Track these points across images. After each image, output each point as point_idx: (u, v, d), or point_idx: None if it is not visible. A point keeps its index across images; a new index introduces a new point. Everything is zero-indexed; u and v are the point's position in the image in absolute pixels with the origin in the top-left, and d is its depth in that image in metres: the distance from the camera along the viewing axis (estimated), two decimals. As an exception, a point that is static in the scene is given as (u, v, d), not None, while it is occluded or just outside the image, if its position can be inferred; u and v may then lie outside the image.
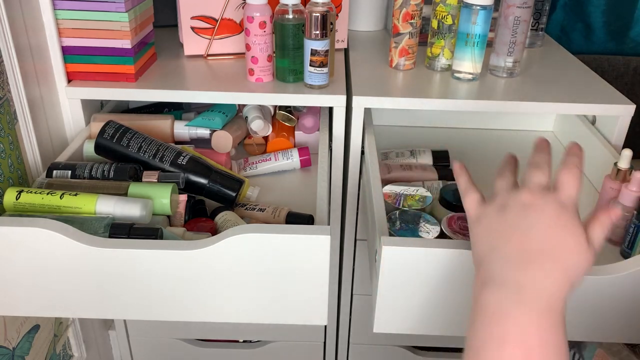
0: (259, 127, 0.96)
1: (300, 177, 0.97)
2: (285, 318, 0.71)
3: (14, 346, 0.86)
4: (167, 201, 0.73)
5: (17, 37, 0.80)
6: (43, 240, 0.65)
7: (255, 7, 0.88)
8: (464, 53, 0.96)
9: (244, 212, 0.82)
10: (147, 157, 0.80)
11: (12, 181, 0.81)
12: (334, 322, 1.20)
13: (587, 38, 1.53)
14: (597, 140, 0.98)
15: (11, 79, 0.80)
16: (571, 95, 0.95)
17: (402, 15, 0.97)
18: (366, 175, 0.89)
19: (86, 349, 1.11)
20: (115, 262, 0.66)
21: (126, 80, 0.93)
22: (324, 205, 0.74)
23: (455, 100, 0.92)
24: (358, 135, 0.94)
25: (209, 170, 0.80)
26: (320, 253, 0.65)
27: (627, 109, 0.92)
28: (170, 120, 0.95)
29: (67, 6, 0.87)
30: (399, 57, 1.02)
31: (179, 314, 0.70)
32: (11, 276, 0.68)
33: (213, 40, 1.03)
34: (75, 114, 0.94)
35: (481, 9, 0.91)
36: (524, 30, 0.97)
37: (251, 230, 0.65)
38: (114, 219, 0.70)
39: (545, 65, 1.10)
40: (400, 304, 0.67)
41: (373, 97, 0.91)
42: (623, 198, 0.78)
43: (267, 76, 0.95)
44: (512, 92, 0.96)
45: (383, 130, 1.22)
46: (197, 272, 0.67)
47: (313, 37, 0.87)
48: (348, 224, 1.03)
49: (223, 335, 1.24)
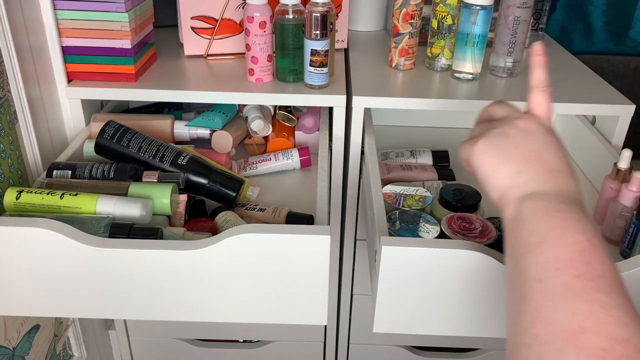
0: (259, 127, 0.96)
1: (300, 177, 0.97)
2: (285, 318, 0.71)
3: (14, 346, 0.86)
4: (167, 201, 0.73)
5: (17, 37, 0.80)
6: (43, 240, 0.65)
7: (255, 7, 0.88)
8: (464, 53, 0.96)
9: (244, 212, 0.82)
10: (147, 157, 0.80)
11: (12, 181, 0.81)
12: (334, 322, 1.20)
13: (587, 38, 1.53)
14: (597, 140, 0.98)
15: (11, 79, 0.80)
16: (571, 95, 0.95)
17: (402, 15, 0.97)
18: (366, 175, 0.89)
19: (86, 349, 1.11)
20: (115, 262, 0.66)
21: (126, 80, 0.93)
22: (324, 205, 0.74)
23: (455, 100, 0.92)
24: (358, 135, 0.94)
25: (209, 170, 0.80)
26: (320, 253, 0.65)
27: (627, 109, 0.92)
28: (170, 120, 0.95)
29: (67, 6, 0.87)
30: (399, 57, 1.02)
31: (179, 314, 0.70)
32: (11, 276, 0.68)
33: (213, 40, 1.03)
34: (75, 114, 0.94)
35: (481, 9, 0.91)
36: (523, 30, 0.97)
37: (251, 230, 0.65)
38: (114, 219, 0.70)
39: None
40: (400, 304, 0.67)
41: (373, 97, 0.92)
42: (623, 198, 0.78)
43: (267, 76, 0.95)
44: (512, 92, 0.96)
45: (383, 130, 1.22)
46: (197, 272, 0.67)
47: (313, 37, 0.87)
48: (348, 224, 1.03)
49: (223, 335, 1.24)
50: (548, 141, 0.51)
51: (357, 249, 1.07)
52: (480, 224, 0.76)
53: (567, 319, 0.37)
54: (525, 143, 0.51)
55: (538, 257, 0.42)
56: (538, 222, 0.45)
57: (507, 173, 0.50)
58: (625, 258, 0.77)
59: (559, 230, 0.43)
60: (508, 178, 0.50)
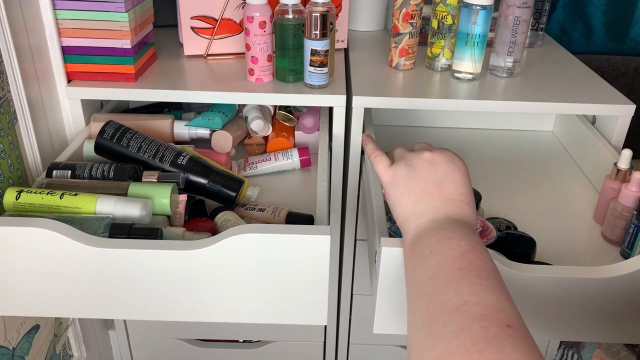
0: (259, 127, 0.96)
1: (300, 177, 0.97)
2: (285, 318, 0.71)
3: (14, 346, 0.86)
4: (167, 201, 0.73)
5: (17, 37, 0.80)
6: (43, 240, 0.65)
7: (255, 7, 0.88)
8: (464, 53, 0.96)
9: (244, 212, 0.82)
10: (147, 157, 0.80)
11: (12, 181, 0.81)
12: (334, 322, 1.20)
13: (587, 38, 1.53)
14: (597, 140, 0.98)
15: (11, 79, 0.80)
16: (571, 95, 0.95)
17: (402, 15, 0.97)
18: (366, 176, 0.89)
19: (86, 349, 1.11)
20: (115, 262, 0.66)
21: (126, 80, 0.93)
22: (323, 206, 0.74)
23: (455, 100, 0.92)
24: (358, 135, 0.94)
25: (209, 170, 0.80)
26: (320, 253, 0.65)
27: (627, 109, 0.92)
28: (170, 120, 0.95)
29: (67, 6, 0.87)
30: (399, 57, 1.02)
31: (179, 314, 0.70)
32: (11, 276, 0.68)
33: (213, 40, 1.03)
34: (75, 114, 0.94)
35: (481, 9, 0.91)
36: (524, 30, 0.97)
37: (251, 230, 0.65)
38: (113, 219, 0.70)
39: (545, 65, 1.10)
40: (400, 305, 0.67)
41: (373, 97, 0.91)
42: (623, 198, 0.78)
43: (267, 76, 0.95)
44: (512, 92, 0.96)
45: (383, 130, 1.22)
46: (197, 272, 0.67)
47: (313, 37, 0.87)
48: (348, 224, 1.03)
49: (223, 335, 1.24)
50: (450, 172, 0.58)
51: (357, 249, 1.07)
52: (480, 224, 0.76)
53: (453, 298, 0.44)
54: (428, 176, 0.58)
55: (429, 262, 0.49)
56: (429, 238, 0.52)
57: (407, 205, 0.58)
58: (625, 258, 0.77)
59: (445, 241, 0.50)
60: (408, 208, 0.57)
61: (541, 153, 1.13)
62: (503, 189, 0.98)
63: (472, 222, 0.56)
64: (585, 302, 0.66)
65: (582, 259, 0.79)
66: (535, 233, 0.78)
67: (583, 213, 0.91)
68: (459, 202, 0.56)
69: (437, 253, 0.49)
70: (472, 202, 0.58)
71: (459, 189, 0.57)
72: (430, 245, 0.51)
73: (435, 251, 0.50)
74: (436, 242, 0.51)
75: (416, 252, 0.52)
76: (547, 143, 1.18)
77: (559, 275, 0.64)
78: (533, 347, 0.39)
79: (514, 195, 0.96)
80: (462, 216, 0.55)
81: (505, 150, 1.15)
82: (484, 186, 0.95)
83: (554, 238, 0.83)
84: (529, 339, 0.40)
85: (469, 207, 0.57)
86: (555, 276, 0.64)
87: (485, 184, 1.00)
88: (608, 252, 0.81)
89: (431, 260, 0.49)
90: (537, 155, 1.12)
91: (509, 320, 0.41)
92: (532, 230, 0.80)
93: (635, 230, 0.75)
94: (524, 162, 1.09)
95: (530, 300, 0.66)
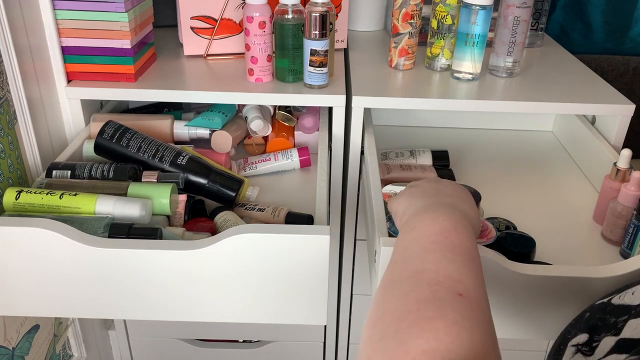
0: (258, 127, 0.96)
1: (300, 177, 0.97)
2: (285, 318, 0.71)
3: (13, 346, 0.86)
4: (167, 201, 0.73)
5: (17, 37, 0.80)
6: (42, 240, 0.65)
7: (255, 7, 0.88)
8: (463, 53, 0.96)
9: (244, 212, 0.82)
10: (147, 157, 0.80)
11: (11, 181, 0.81)
12: (334, 322, 1.20)
13: (587, 38, 1.53)
14: (597, 140, 0.98)
15: (11, 79, 0.80)
16: (571, 95, 0.95)
17: (401, 15, 0.97)
18: (366, 176, 0.89)
19: (86, 349, 1.11)
20: (115, 262, 0.66)
21: (126, 80, 0.93)
22: (323, 206, 0.74)
23: (455, 100, 0.92)
24: (358, 135, 0.94)
25: (209, 170, 0.80)
26: (320, 253, 0.65)
27: (627, 109, 0.92)
28: (170, 120, 0.95)
29: (67, 6, 0.87)
30: (399, 57, 1.02)
31: (179, 314, 0.70)
32: (11, 276, 0.68)
33: (213, 40, 1.03)
34: (75, 114, 0.94)
35: (481, 9, 0.91)
36: (523, 30, 0.97)
37: (251, 230, 0.65)
38: (113, 219, 0.70)
39: (545, 65, 1.10)
40: (399, 304, 0.67)
41: (373, 97, 0.91)
42: (622, 198, 0.78)
43: (267, 76, 0.95)
44: (512, 92, 0.96)
45: (383, 130, 1.22)
46: (196, 272, 0.67)
47: (313, 37, 0.87)
48: (348, 224, 1.03)
49: (223, 335, 1.24)
50: (447, 184, 0.61)
51: (357, 249, 1.07)
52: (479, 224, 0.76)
53: (416, 265, 0.45)
54: (426, 186, 0.60)
55: (408, 236, 0.51)
56: (416, 217, 0.53)
57: (405, 202, 0.59)
58: (625, 258, 0.77)
59: (430, 220, 0.51)
60: (406, 202, 0.59)
61: (541, 153, 1.13)
62: (503, 189, 0.98)
63: (469, 215, 0.55)
64: (584, 302, 0.65)
65: (581, 258, 0.79)
66: (534, 233, 0.78)
67: (583, 213, 0.91)
68: (452, 197, 0.57)
69: (418, 229, 0.51)
70: (469, 201, 0.58)
71: (456, 191, 0.59)
72: (414, 222, 0.52)
73: (418, 227, 0.51)
74: (421, 221, 0.52)
75: (402, 230, 0.54)
76: (547, 143, 1.18)
77: (559, 275, 0.64)
78: (481, 318, 0.39)
79: (514, 195, 0.96)
80: (452, 205, 0.55)
81: (505, 150, 1.15)
82: (484, 186, 0.95)
83: (553, 238, 0.83)
84: (479, 310, 0.40)
85: (464, 203, 0.57)
86: (555, 276, 0.64)
87: (485, 184, 1.00)
88: (608, 252, 0.81)
89: (411, 234, 0.50)
90: (537, 155, 1.12)
91: (463, 290, 0.41)
92: (532, 230, 0.80)
93: (635, 230, 0.75)
94: (523, 162, 1.09)
95: (530, 300, 0.66)
